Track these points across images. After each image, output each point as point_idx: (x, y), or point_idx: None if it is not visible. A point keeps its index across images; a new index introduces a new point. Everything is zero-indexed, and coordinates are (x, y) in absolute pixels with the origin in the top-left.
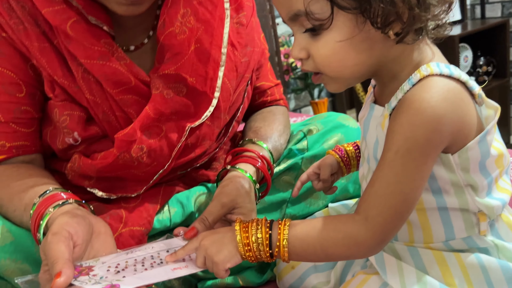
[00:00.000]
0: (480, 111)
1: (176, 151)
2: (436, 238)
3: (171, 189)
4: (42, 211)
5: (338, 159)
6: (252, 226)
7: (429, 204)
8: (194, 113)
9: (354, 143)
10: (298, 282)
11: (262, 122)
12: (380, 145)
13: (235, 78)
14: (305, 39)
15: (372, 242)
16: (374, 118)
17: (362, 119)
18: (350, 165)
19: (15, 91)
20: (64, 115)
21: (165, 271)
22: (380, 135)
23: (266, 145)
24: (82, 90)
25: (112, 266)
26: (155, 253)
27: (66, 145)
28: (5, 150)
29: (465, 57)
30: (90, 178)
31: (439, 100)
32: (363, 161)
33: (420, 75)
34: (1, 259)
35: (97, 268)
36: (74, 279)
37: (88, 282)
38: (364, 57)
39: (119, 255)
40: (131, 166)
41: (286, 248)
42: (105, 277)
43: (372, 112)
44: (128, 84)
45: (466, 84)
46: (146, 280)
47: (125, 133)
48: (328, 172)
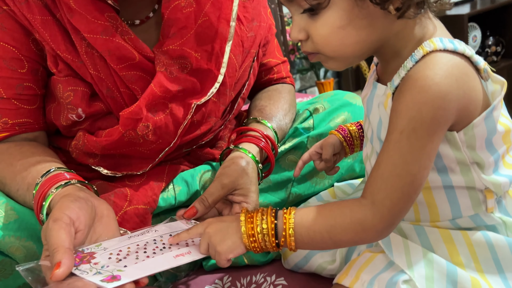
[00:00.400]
0: (486, 86)
1: (182, 128)
2: (442, 216)
3: (176, 168)
4: (45, 192)
5: (341, 138)
6: (257, 216)
7: (434, 183)
8: (200, 90)
9: (358, 122)
10: (303, 261)
11: (268, 101)
12: (384, 125)
13: (241, 53)
14: (304, 20)
15: (380, 226)
16: (377, 97)
17: (364, 98)
18: (354, 145)
19: (17, 66)
20: (68, 91)
21: (167, 258)
22: (383, 115)
23: (270, 124)
24: (86, 65)
25: (114, 253)
26: (158, 237)
27: (70, 121)
28: (7, 127)
29: (474, 36)
30: (95, 156)
31: (444, 76)
32: (366, 141)
33: (423, 51)
34: (5, 237)
35: (99, 255)
36: (75, 268)
37: (89, 272)
38: (365, 34)
39: (121, 239)
40: (136, 143)
41: (293, 237)
42: (106, 265)
43: (374, 90)
44: (132, 59)
45: (471, 59)
46: (147, 270)
47: (131, 110)
48: (330, 152)
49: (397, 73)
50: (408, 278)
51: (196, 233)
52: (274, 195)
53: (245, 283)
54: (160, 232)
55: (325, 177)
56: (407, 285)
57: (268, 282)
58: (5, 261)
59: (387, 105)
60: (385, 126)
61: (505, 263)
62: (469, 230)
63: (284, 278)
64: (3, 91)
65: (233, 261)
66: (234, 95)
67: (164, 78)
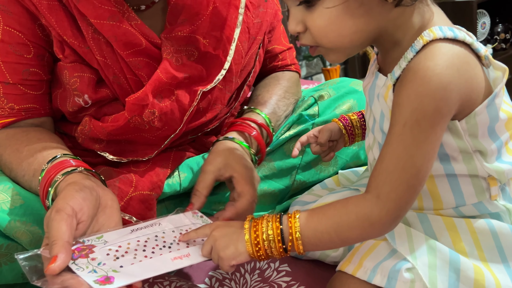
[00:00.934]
0: (488, 73)
1: (187, 115)
2: (446, 204)
3: (181, 154)
4: (50, 178)
5: (341, 126)
6: (262, 223)
7: (437, 171)
8: (206, 77)
9: (360, 112)
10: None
11: (262, 89)
12: (386, 116)
13: (247, 40)
14: (301, 12)
15: (386, 220)
16: (377, 87)
17: (366, 87)
18: (354, 135)
19: (23, 51)
20: (74, 77)
21: (164, 262)
22: (383, 107)
23: (261, 110)
24: (93, 51)
25: (113, 249)
26: (160, 232)
27: (76, 107)
28: (14, 112)
29: (483, 23)
30: (101, 141)
31: (444, 67)
32: (368, 131)
33: (423, 41)
34: (11, 222)
35: (98, 249)
36: (72, 262)
37: (85, 269)
38: (362, 24)
39: (123, 232)
40: (142, 129)
41: (300, 241)
42: (102, 263)
43: (376, 80)
44: (139, 46)
45: (471, 46)
46: (142, 274)
47: (137, 96)
48: (326, 137)
49: (397, 64)
50: (411, 266)
51: (203, 234)
52: (279, 182)
53: (248, 268)
54: (163, 227)
55: (330, 165)
56: (410, 273)
57: (272, 268)
58: (11, 245)
59: (388, 97)
60: (387, 117)
61: (509, 251)
62: (472, 218)
63: (288, 264)
64: (9, 76)
65: None
66: (240, 82)
67: (170, 64)
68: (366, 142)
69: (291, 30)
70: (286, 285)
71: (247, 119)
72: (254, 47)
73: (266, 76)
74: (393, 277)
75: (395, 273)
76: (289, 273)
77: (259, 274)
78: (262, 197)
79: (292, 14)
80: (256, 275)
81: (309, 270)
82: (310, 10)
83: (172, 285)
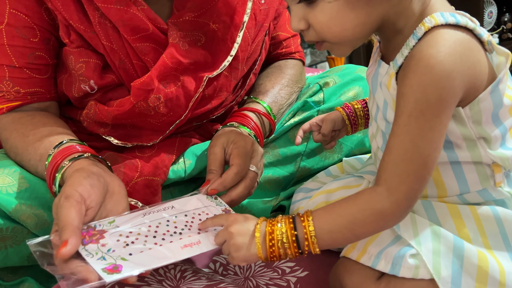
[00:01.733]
0: (491, 59)
1: (193, 101)
2: (450, 192)
3: (186, 141)
4: (57, 163)
5: (344, 116)
6: (276, 231)
7: (440, 159)
8: (212, 63)
9: (363, 100)
10: None
11: (265, 79)
12: (389, 105)
13: (254, 27)
14: (302, 9)
15: (398, 211)
16: (380, 75)
17: (369, 75)
18: (357, 124)
19: (29, 35)
20: (80, 62)
21: (174, 250)
22: (386, 95)
23: (263, 100)
24: (99, 35)
25: (123, 234)
26: (172, 217)
27: (82, 93)
28: (19, 96)
29: (490, 12)
30: (106, 125)
31: (447, 54)
32: (371, 120)
33: (425, 27)
34: (16, 205)
35: (109, 234)
36: (82, 247)
37: (94, 255)
38: (364, 15)
39: (135, 216)
40: (147, 115)
41: (316, 244)
42: (112, 250)
43: (378, 69)
44: (146, 31)
45: (474, 32)
46: (151, 263)
47: (142, 81)
48: (329, 127)
49: (400, 52)
50: (415, 252)
51: (219, 224)
52: (283, 168)
53: None
54: (176, 211)
55: (335, 152)
56: (414, 259)
57: None
58: (16, 228)
59: (390, 85)
60: (390, 106)
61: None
62: (477, 205)
63: None
64: (15, 60)
65: None
66: (246, 70)
67: (176, 50)
68: (369, 131)
69: (294, 28)
70: (290, 270)
71: (247, 109)
72: (260, 35)
73: (269, 64)
74: (397, 263)
75: (399, 259)
76: (292, 260)
77: None
78: (267, 183)
79: (294, 12)
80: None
81: (313, 255)
82: (311, 7)
83: (177, 268)
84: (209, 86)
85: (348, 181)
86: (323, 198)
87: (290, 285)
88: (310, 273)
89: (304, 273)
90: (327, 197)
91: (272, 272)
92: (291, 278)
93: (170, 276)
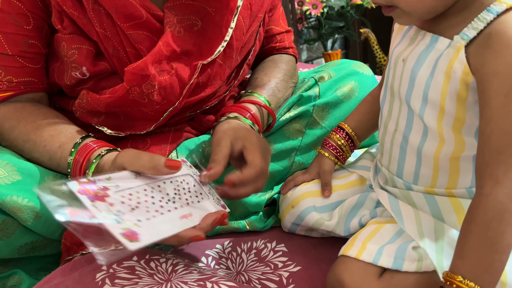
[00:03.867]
0: None
1: (187, 89)
2: (460, 184)
3: (179, 135)
4: (91, 151)
5: (335, 160)
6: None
7: (467, 152)
8: (207, 50)
9: (341, 130)
10: (298, 219)
11: (260, 72)
12: (437, 81)
13: (249, 16)
14: None
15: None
16: (436, 51)
17: (402, 54)
18: (345, 159)
19: (22, 22)
20: (72, 49)
21: (173, 221)
22: (439, 71)
23: (260, 93)
24: (92, 22)
25: (125, 196)
26: (161, 182)
27: (74, 80)
28: (12, 86)
29: None
30: (99, 114)
31: None
32: (387, 102)
33: (507, 5)
34: (7, 197)
35: (112, 193)
36: (90, 203)
37: (107, 215)
38: None
39: (127, 176)
40: (140, 103)
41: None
42: (122, 212)
43: (434, 44)
44: (140, 18)
45: None
46: (161, 233)
47: (136, 66)
48: (330, 179)
49: (469, 25)
50: (418, 245)
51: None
52: (278, 163)
53: (245, 248)
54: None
55: None
56: (417, 251)
57: (269, 248)
58: (7, 220)
59: (456, 59)
60: (439, 82)
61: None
62: None
63: (285, 244)
64: (8, 48)
65: (234, 226)
66: (240, 60)
67: (172, 36)
68: (383, 115)
69: None
70: (282, 265)
71: (246, 101)
72: (255, 25)
73: (263, 58)
74: (400, 256)
75: (401, 252)
76: (286, 253)
77: (256, 253)
78: None
79: None
80: (252, 255)
81: (306, 250)
82: None
83: (169, 262)
84: (203, 73)
85: (335, 173)
86: (310, 186)
87: (282, 280)
88: (302, 268)
89: (297, 268)
90: (313, 186)
91: (264, 266)
92: (284, 273)
93: (162, 270)
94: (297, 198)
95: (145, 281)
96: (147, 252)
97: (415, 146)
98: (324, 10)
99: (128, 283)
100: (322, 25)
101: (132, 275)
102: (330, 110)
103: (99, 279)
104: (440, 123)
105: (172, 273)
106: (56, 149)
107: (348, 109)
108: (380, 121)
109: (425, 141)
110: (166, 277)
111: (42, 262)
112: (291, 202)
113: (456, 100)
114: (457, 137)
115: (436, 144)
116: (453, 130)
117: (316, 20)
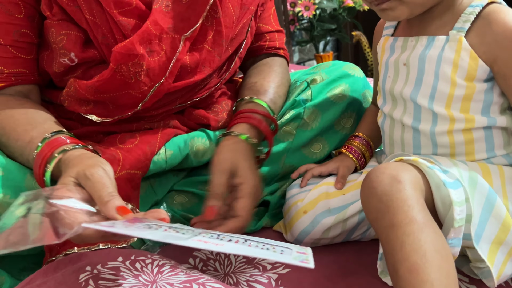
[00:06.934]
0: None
1: (173, 63)
2: (478, 156)
3: (169, 132)
4: (47, 155)
5: (356, 163)
6: None
7: (478, 124)
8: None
9: (360, 138)
10: (310, 226)
11: (257, 76)
12: (444, 78)
13: (239, 6)
14: None
15: None
16: (435, 49)
17: (399, 60)
18: (365, 163)
19: (14, 11)
20: (61, 35)
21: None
22: (446, 64)
23: (263, 100)
24: (82, 9)
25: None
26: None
27: (62, 68)
28: (3, 77)
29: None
30: (87, 103)
31: None
32: (390, 101)
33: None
34: None
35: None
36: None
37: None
38: None
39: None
40: (128, 83)
41: None
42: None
43: (432, 43)
44: (129, 5)
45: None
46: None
47: (123, 45)
48: (348, 174)
49: (459, 20)
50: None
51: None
52: (268, 165)
53: None
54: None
55: (320, 149)
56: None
57: None
58: None
59: (462, 49)
60: (447, 79)
61: None
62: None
63: None
64: (0, 37)
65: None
66: (231, 51)
67: (159, 13)
68: (385, 113)
69: None
70: (271, 267)
71: (250, 110)
72: (246, 17)
73: (252, 56)
74: None
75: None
76: None
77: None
78: None
79: None
80: (241, 257)
81: None
82: None
83: (155, 263)
84: (191, 57)
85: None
86: (324, 189)
87: (271, 282)
88: (291, 270)
89: (286, 270)
90: (327, 188)
91: (253, 268)
92: (272, 275)
93: (147, 271)
94: (311, 203)
95: (130, 282)
96: (133, 253)
97: (427, 131)
98: (316, 12)
99: (112, 284)
100: (314, 27)
101: (117, 276)
102: (321, 112)
103: (82, 280)
104: (449, 108)
105: (158, 274)
106: (26, 144)
107: (338, 111)
108: (383, 122)
109: (436, 124)
110: (151, 279)
111: (25, 262)
112: (302, 207)
113: (465, 84)
114: (466, 116)
115: (448, 123)
116: (462, 111)
117: (308, 22)
